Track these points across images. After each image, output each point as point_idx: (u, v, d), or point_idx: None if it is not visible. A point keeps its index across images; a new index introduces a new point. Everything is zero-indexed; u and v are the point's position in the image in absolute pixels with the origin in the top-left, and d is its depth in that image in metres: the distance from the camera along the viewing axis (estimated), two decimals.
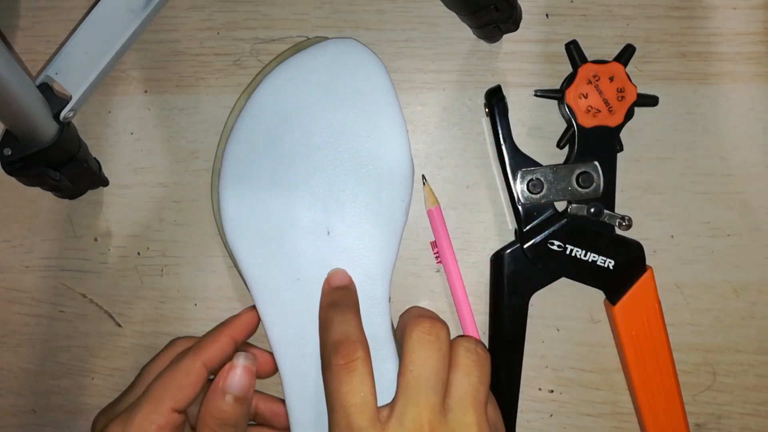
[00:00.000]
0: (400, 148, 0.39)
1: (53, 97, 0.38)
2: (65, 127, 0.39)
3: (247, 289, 0.39)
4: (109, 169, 0.43)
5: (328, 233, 0.38)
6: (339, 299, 0.37)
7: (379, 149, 0.39)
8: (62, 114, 0.38)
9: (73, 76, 0.39)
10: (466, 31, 0.42)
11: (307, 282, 0.38)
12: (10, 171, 0.38)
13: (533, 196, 0.40)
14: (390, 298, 0.39)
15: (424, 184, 0.42)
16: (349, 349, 0.34)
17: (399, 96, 0.43)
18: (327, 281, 0.38)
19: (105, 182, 0.43)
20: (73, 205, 0.43)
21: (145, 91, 0.43)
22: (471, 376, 0.34)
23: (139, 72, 0.43)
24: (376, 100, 0.39)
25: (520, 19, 0.41)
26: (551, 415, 0.43)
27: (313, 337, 0.38)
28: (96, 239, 0.43)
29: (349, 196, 0.39)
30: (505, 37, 0.42)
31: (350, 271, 0.38)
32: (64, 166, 0.39)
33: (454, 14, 0.41)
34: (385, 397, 0.34)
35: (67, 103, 0.38)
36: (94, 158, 0.42)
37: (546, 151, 0.42)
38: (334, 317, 0.36)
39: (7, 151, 0.37)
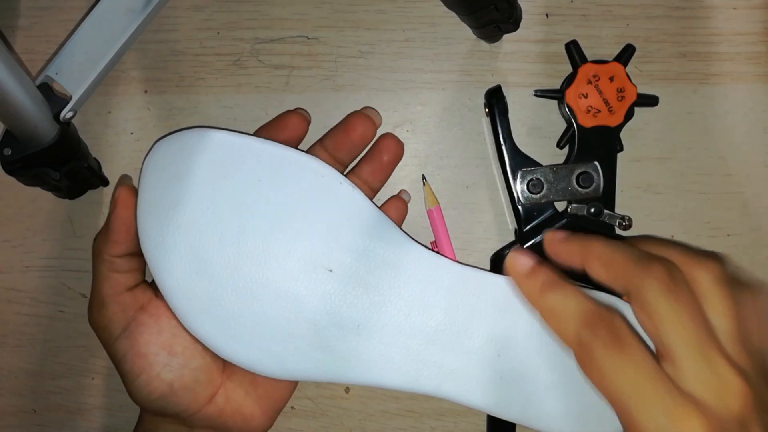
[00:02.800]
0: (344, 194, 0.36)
1: (53, 97, 0.38)
2: (65, 127, 0.39)
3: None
4: (109, 169, 0.43)
5: (330, 270, 0.35)
6: (544, 279, 0.31)
7: (318, 201, 0.36)
8: (62, 114, 0.38)
9: (73, 76, 0.39)
10: (466, 31, 0.42)
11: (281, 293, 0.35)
12: (10, 171, 0.38)
13: (533, 196, 0.40)
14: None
15: (424, 184, 0.42)
16: (607, 321, 0.28)
17: (399, 96, 0.43)
18: (514, 271, 0.32)
19: (105, 182, 0.43)
20: (73, 205, 0.43)
21: (145, 91, 0.43)
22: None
23: (139, 72, 0.43)
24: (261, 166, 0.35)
25: (520, 19, 0.41)
26: None
27: (309, 338, 0.35)
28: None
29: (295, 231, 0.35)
30: (505, 37, 0.42)
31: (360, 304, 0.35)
32: (64, 166, 0.39)
33: (454, 14, 0.41)
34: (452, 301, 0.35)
35: (67, 103, 0.38)
36: (94, 158, 0.42)
37: (546, 151, 0.42)
38: (555, 301, 0.30)
39: (7, 151, 0.37)
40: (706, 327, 0.28)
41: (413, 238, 0.36)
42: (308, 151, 0.39)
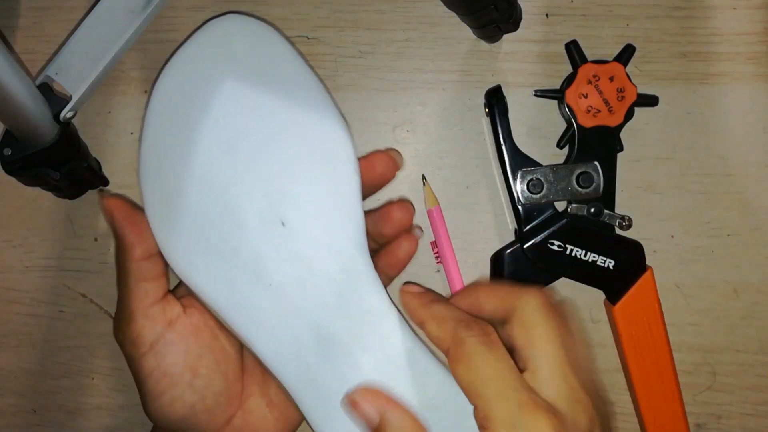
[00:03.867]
0: (325, 108, 0.35)
1: (53, 97, 0.38)
2: (65, 127, 0.39)
3: (223, 322, 0.35)
4: (109, 169, 0.43)
5: (283, 224, 0.34)
6: (427, 300, 0.34)
7: (303, 117, 0.34)
8: (62, 114, 0.38)
9: (73, 76, 0.39)
10: (466, 31, 0.42)
11: (280, 285, 0.34)
12: (10, 171, 0.38)
13: (533, 196, 0.40)
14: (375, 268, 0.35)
15: (424, 184, 0.42)
16: (479, 324, 0.32)
17: (399, 96, 0.43)
18: (403, 292, 0.35)
19: (105, 182, 0.43)
20: (73, 205, 0.43)
21: (145, 91, 0.43)
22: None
23: (139, 72, 0.43)
24: (285, 71, 0.35)
25: (520, 19, 0.41)
26: None
27: (309, 343, 0.34)
28: (96, 239, 0.43)
29: (289, 177, 0.34)
30: (505, 37, 0.42)
31: (322, 256, 0.34)
32: (64, 166, 0.39)
33: (454, 14, 0.41)
34: (394, 375, 0.33)
35: (67, 103, 0.38)
36: (94, 158, 0.42)
37: (546, 151, 0.42)
38: (436, 312, 0.33)
39: (7, 151, 0.37)
40: (562, 350, 0.31)
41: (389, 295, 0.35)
42: None
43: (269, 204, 0.34)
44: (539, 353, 0.31)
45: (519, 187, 0.40)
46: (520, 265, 0.41)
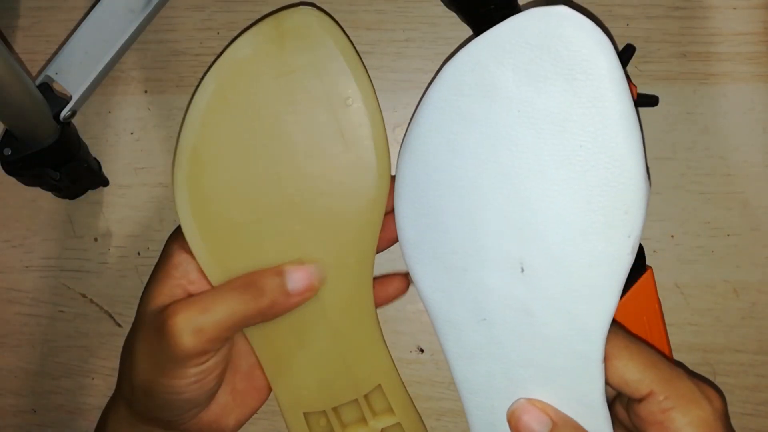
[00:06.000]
0: (633, 157, 0.28)
1: (53, 97, 0.38)
2: (65, 127, 0.39)
3: (431, 320, 0.33)
4: (109, 169, 0.43)
5: (522, 270, 0.30)
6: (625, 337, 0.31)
7: (602, 157, 0.28)
8: (62, 114, 0.38)
9: (73, 76, 0.39)
10: (466, 31, 0.42)
11: (495, 324, 0.31)
12: (10, 171, 0.38)
13: None
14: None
15: None
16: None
17: (399, 96, 0.43)
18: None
19: (105, 182, 0.43)
20: (73, 205, 0.43)
21: (145, 91, 0.43)
22: None
23: (139, 72, 0.43)
24: (596, 88, 0.28)
25: None
26: None
27: (502, 390, 0.32)
28: (96, 239, 0.43)
29: (553, 222, 0.29)
30: None
31: (553, 321, 0.30)
32: (64, 166, 0.39)
33: (454, 14, 0.41)
34: None
35: (67, 103, 0.38)
36: (94, 158, 0.42)
37: None
38: (635, 351, 0.31)
39: (7, 151, 0.37)
40: None
41: None
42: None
43: (518, 242, 0.30)
44: (650, 378, 0.30)
45: None
46: None
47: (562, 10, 0.28)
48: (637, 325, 0.40)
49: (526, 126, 0.29)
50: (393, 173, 0.34)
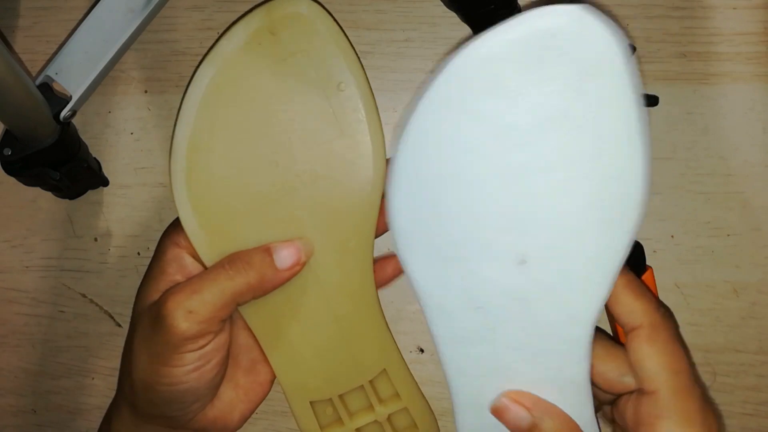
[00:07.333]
0: (638, 157, 0.29)
1: (53, 97, 0.38)
2: (65, 127, 0.39)
3: (421, 308, 0.34)
4: (109, 169, 0.43)
5: (521, 262, 0.30)
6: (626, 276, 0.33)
7: (604, 155, 0.29)
8: (62, 114, 0.38)
9: (73, 76, 0.39)
10: (466, 31, 0.42)
11: (490, 312, 0.32)
12: (10, 171, 0.38)
13: None
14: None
15: None
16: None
17: (399, 96, 0.43)
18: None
19: (105, 182, 0.43)
20: (73, 205, 0.43)
21: (145, 91, 0.43)
22: None
23: (139, 72, 0.43)
24: (605, 89, 0.28)
25: None
26: None
27: (491, 371, 0.33)
28: (96, 239, 0.43)
29: (555, 217, 0.30)
30: None
31: (547, 309, 0.31)
32: (64, 166, 0.39)
33: (454, 14, 0.41)
34: None
35: (67, 103, 0.38)
36: (94, 158, 0.42)
37: None
38: (634, 284, 0.33)
39: (7, 151, 0.37)
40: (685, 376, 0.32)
41: None
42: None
43: (519, 235, 0.30)
44: (664, 378, 0.31)
45: None
46: None
47: (574, 8, 0.28)
48: None
49: (531, 122, 0.29)
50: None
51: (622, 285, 0.33)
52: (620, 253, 0.30)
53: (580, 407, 0.33)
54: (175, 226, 0.35)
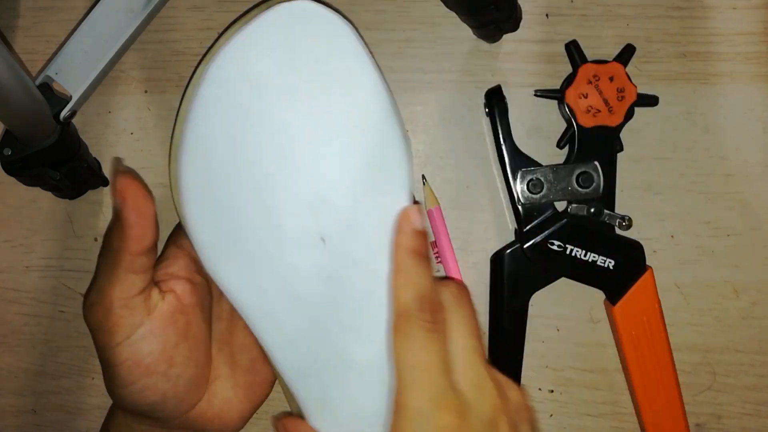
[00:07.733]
0: (388, 119, 0.32)
1: (53, 97, 0.38)
2: (65, 127, 0.39)
3: (245, 320, 0.34)
4: (109, 169, 0.43)
5: (323, 241, 0.32)
6: (420, 248, 0.32)
7: (363, 124, 0.32)
8: (62, 114, 0.38)
9: (73, 76, 0.39)
10: (466, 31, 0.42)
11: (308, 301, 0.32)
12: (10, 171, 0.38)
13: (533, 196, 0.40)
14: None
15: (424, 184, 0.42)
16: (435, 308, 0.31)
17: (399, 96, 0.43)
18: (407, 219, 0.32)
19: (105, 182, 0.43)
20: (73, 205, 0.43)
21: (145, 91, 0.43)
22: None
23: (139, 72, 0.43)
24: (346, 65, 0.32)
25: (520, 19, 0.41)
26: (551, 416, 0.43)
27: (330, 363, 0.33)
28: (96, 239, 0.43)
29: (337, 191, 0.32)
30: (505, 37, 0.42)
31: (358, 279, 0.32)
32: (64, 166, 0.39)
33: (454, 14, 0.41)
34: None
35: (67, 103, 0.38)
36: (94, 158, 0.42)
37: (546, 151, 0.42)
38: (417, 268, 0.32)
39: (7, 151, 0.37)
40: (474, 339, 0.32)
41: None
42: None
43: (313, 216, 0.32)
44: (454, 340, 0.32)
45: (519, 187, 0.40)
46: (520, 265, 0.41)
47: (303, 3, 0.32)
48: (637, 325, 0.40)
49: (295, 109, 0.32)
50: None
51: (396, 257, 0.32)
52: (402, 205, 0.32)
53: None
54: (179, 227, 0.35)
